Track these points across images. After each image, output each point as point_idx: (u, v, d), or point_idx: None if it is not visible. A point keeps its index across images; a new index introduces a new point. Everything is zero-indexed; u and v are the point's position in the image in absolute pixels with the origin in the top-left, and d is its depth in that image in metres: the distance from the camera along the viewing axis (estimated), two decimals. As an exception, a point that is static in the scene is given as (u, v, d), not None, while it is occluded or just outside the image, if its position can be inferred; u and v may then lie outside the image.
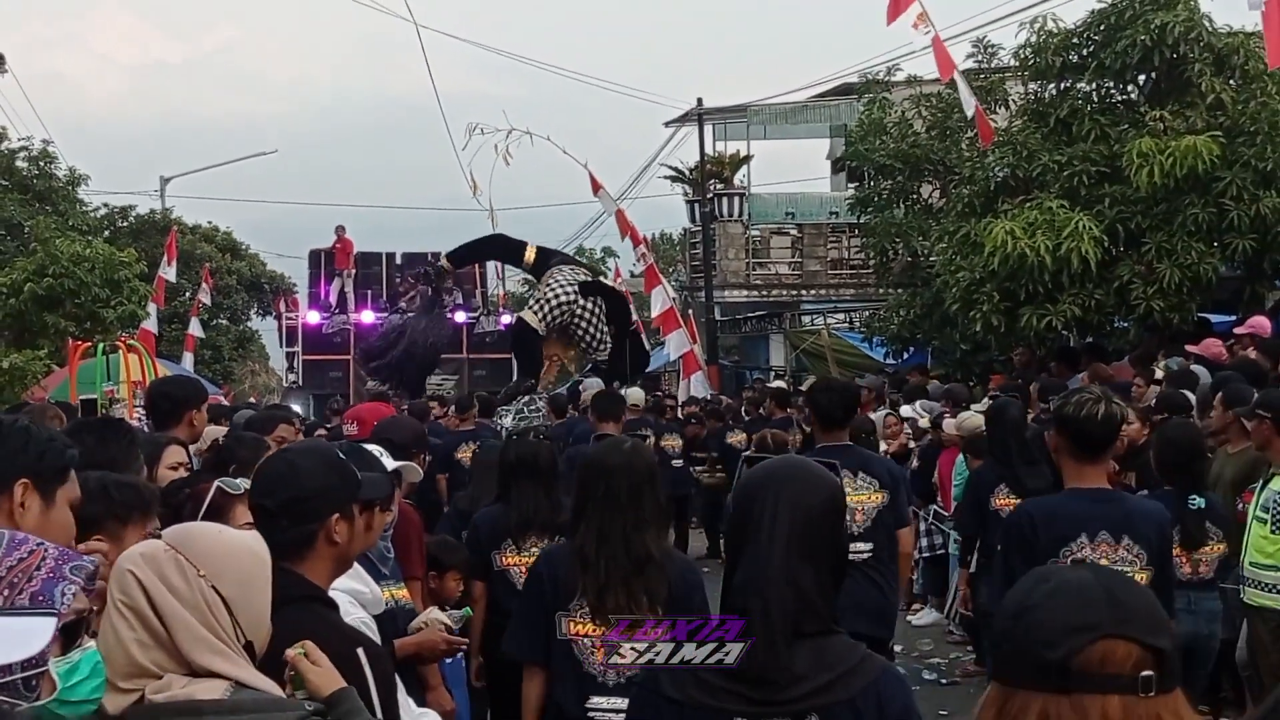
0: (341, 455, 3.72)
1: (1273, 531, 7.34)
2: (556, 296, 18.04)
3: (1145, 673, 1.90)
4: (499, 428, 17.10)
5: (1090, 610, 1.92)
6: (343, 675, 3.05)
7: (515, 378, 18.47)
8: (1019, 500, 9.09)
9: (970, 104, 15.51)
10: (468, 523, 7.43)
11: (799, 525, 2.89)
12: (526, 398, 17.96)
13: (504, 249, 23.28)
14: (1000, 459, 9.32)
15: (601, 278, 19.34)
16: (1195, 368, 11.90)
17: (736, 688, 2.87)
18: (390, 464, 4.85)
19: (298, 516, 3.42)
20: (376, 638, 3.77)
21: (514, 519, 6.88)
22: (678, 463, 16.79)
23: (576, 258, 19.97)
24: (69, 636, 2.43)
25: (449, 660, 5.74)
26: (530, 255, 19.78)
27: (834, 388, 8.42)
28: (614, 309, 18.52)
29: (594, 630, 4.84)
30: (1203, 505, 7.62)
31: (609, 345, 17.84)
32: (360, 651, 3.29)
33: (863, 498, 7.74)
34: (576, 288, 18.06)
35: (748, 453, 10.86)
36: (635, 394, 17.18)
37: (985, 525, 9.22)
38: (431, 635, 5.11)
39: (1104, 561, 5.18)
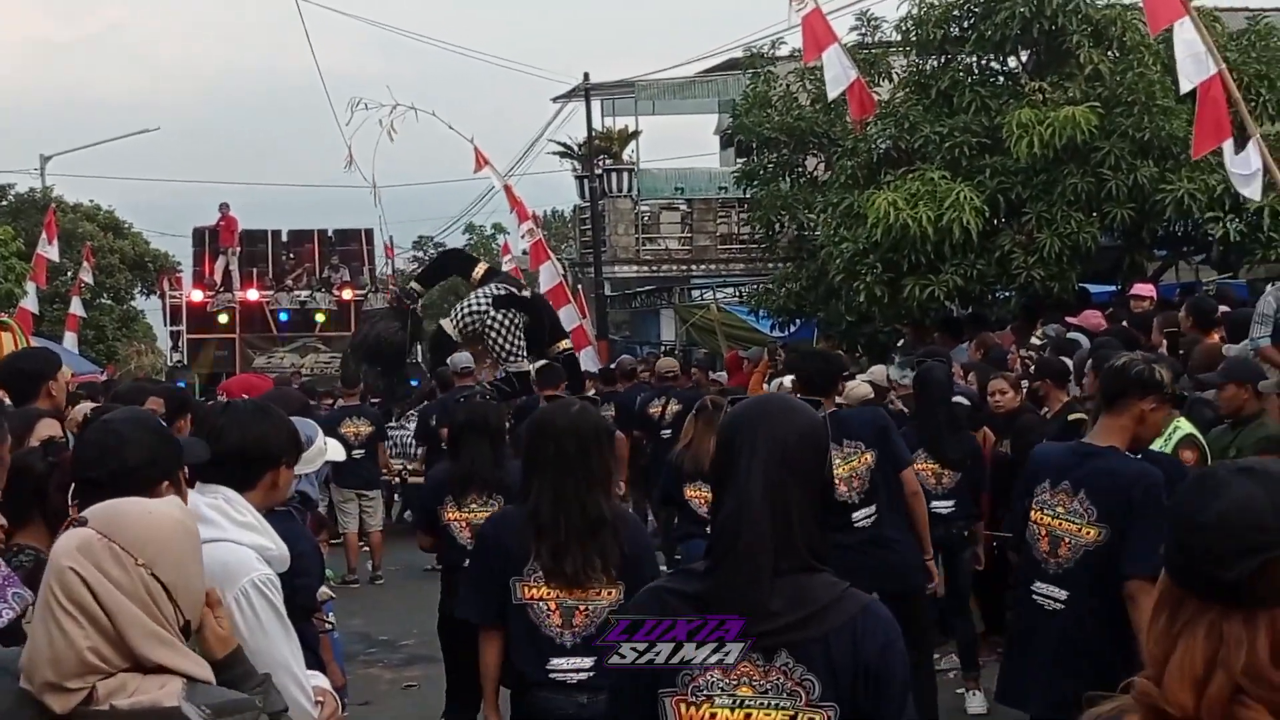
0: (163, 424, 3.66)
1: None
2: (469, 307, 18.42)
3: None
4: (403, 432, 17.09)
5: (1262, 531, 1.88)
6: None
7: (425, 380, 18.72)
8: (936, 466, 9.10)
9: (839, 85, 15.47)
10: None
11: (775, 459, 2.88)
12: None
13: (459, 264, 23.77)
14: (925, 424, 9.21)
15: (522, 290, 19.57)
16: (1074, 335, 12.01)
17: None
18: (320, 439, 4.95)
19: (127, 487, 3.29)
20: (279, 595, 3.77)
21: (457, 474, 7.24)
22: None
23: (510, 278, 20.28)
24: None
25: (336, 635, 5.70)
26: (478, 272, 20.13)
27: (819, 355, 8.41)
28: (538, 321, 18.76)
29: (549, 593, 4.88)
30: None
31: (523, 358, 18.01)
32: None
33: (852, 464, 7.79)
34: (491, 300, 18.42)
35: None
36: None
37: None
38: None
39: (1060, 509, 5.33)
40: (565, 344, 19.34)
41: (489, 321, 18.16)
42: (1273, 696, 1.82)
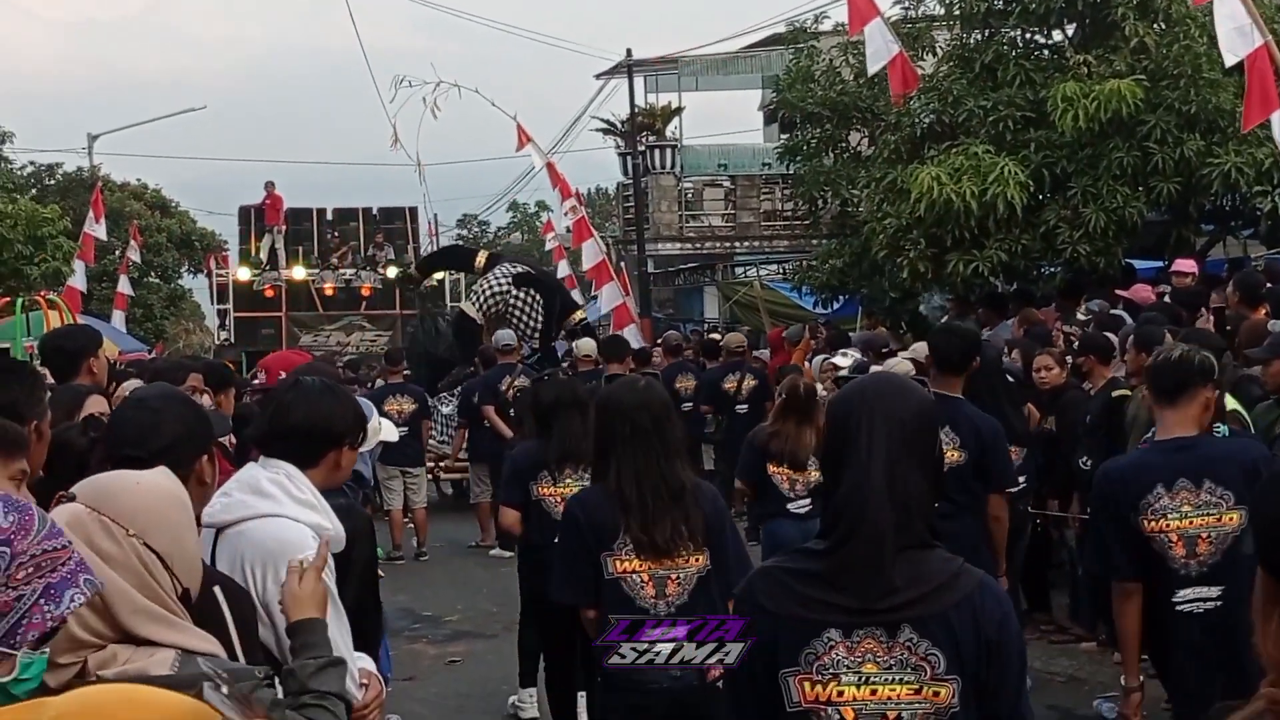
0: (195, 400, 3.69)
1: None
2: (491, 287, 18.59)
3: None
4: (435, 413, 17.09)
5: None
6: (200, 612, 2.94)
7: (457, 366, 18.71)
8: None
9: (880, 60, 15.38)
10: None
11: (895, 438, 2.92)
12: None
13: (459, 258, 23.96)
14: (988, 403, 8.61)
15: (534, 270, 19.82)
16: (1118, 311, 11.92)
17: (834, 599, 2.89)
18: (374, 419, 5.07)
19: (166, 464, 3.32)
20: (332, 576, 3.73)
21: (553, 451, 7.30)
22: (688, 405, 16.48)
23: (522, 257, 20.57)
24: (44, 639, 2.40)
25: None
26: (480, 261, 20.32)
27: (955, 330, 8.22)
28: (550, 301, 18.92)
29: (640, 565, 5.02)
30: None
31: (539, 333, 18.14)
32: (217, 590, 3.21)
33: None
34: (511, 279, 18.59)
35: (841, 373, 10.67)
36: (587, 344, 17.20)
37: None
38: None
39: (1186, 508, 5.14)
40: (579, 314, 19.44)
41: (511, 300, 18.36)
42: None
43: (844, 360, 14.04)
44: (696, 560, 5.06)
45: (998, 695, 2.92)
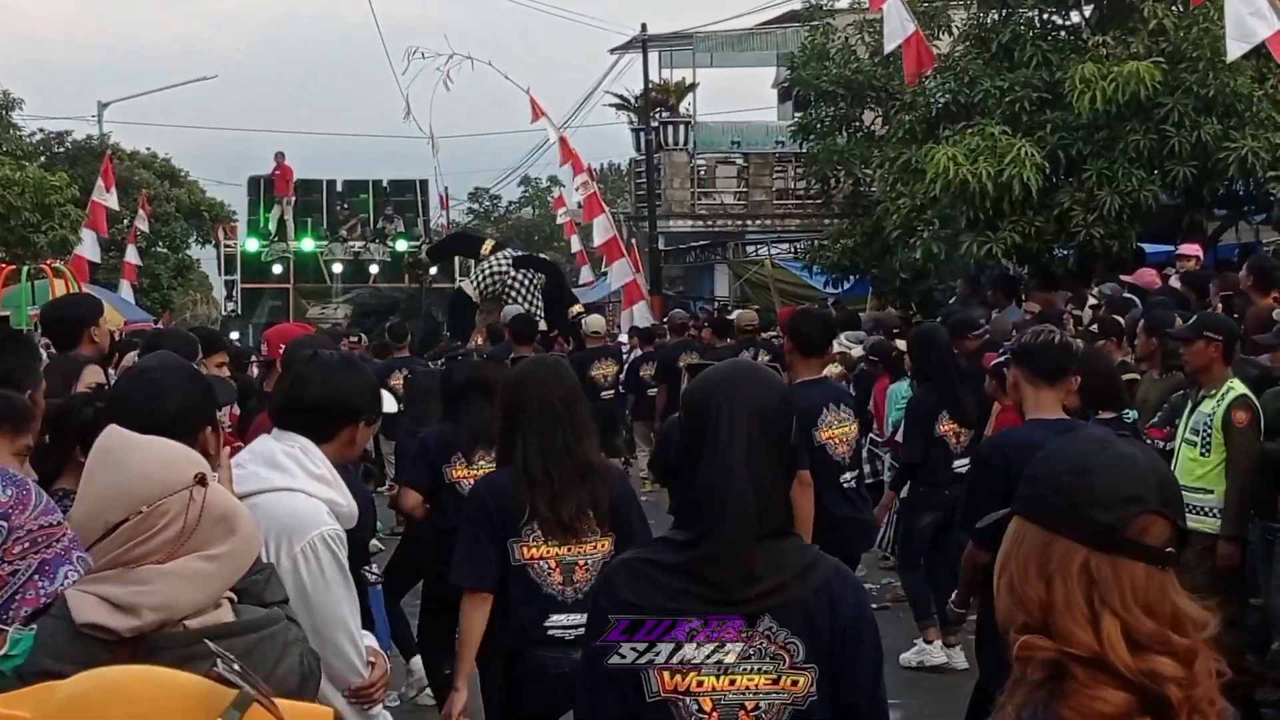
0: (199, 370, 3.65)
1: (1202, 454, 7.33)
2: (491, 268, 18.91)
3: (1169, 549, 2.03)
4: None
5: (1142, 484, 2.04)
6: None
7: (448, 338, 18.98)
8: (956, 426, 9.02)
9: (895, 39, 15.31)
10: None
11: (755, 426, 2.89)
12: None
13: (467, 244, 24.24)
14: (941, 386, 9.12)
15: (537, 256, 20.20)
16: (1128, 295, 11.87)
17: (694, 589, 2.86)
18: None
19: (171, 435, 3.27)
20: (345, 552, 3.76)
21: (464, 434, 7.14)
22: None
23: (534, 255, 20.95)
24: (35, 616, 2.40)
25: (379, 586, 5.67)
26: (486, 249, 20.48)
27: (813, 315, 8.34)
28: (557, 287, 19.19)
29: (548, 551, 4.91)
30: (1135, 417, 7.68)
31: (541, 314, 18.27)
32: None
33: (845, 430, 7.75)
34: (511, 261, 18.81)
35: (691, 362, 10.80)
36: (596, 321, 17.15)
37: (928, 452, 9.06)
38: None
39: None
40: (577, 308, 19.53)
41: (509, 281, 18.59)
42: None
43: (842, 344, 14.01)
44: (603, 545, 4.93)
45: (854, 682, 2.93)
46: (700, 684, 2.87)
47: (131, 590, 2.41)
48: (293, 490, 3.73)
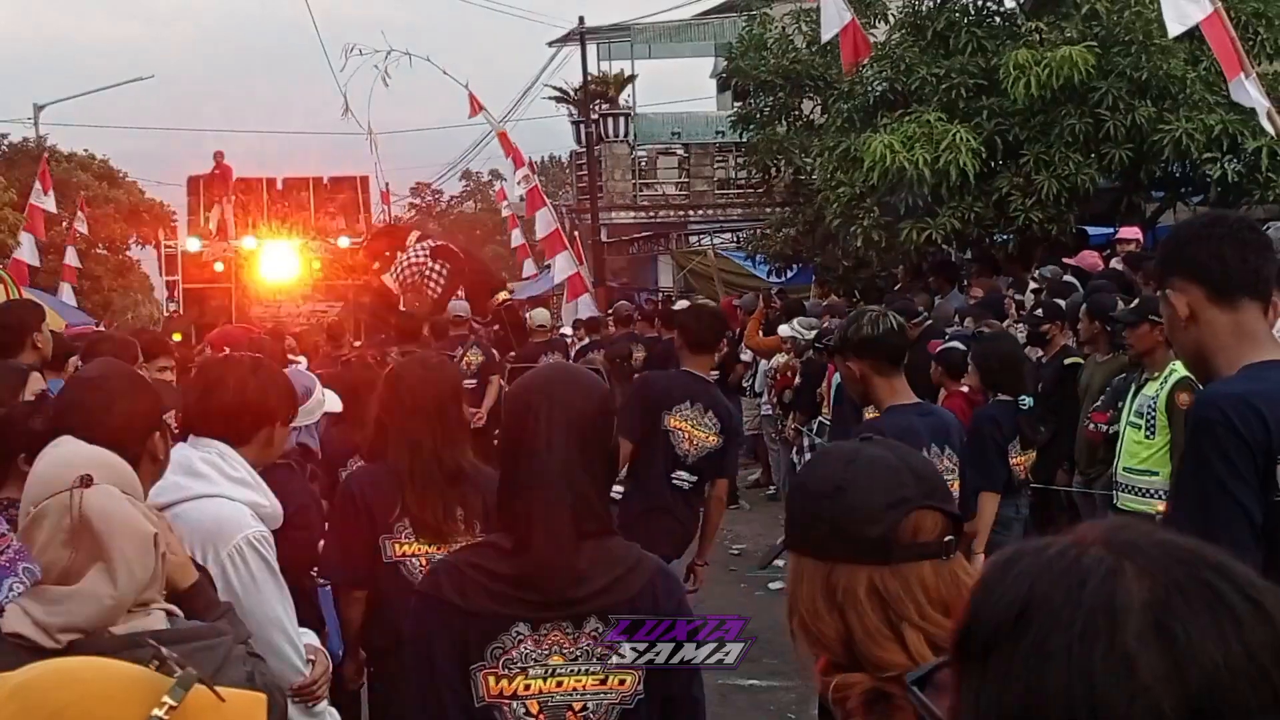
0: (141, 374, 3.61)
1: (1146, 436, 7.37)
2: (409, 259, 18.72)
3: (947, 538, 2.03)
4: None
5: (900, 484, 2.01)
6: None
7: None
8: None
9: (833, 28, 15.36)
10: None
11: (575, 429, 2.92)
12: None
13: (396, 237, 24.32)
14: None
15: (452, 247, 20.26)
16: (1068, 279, 11.96)
17: (521, 593, 2.87)
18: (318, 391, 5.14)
19: (120, 442, 3.26)
20: (273, 552, 3.76)
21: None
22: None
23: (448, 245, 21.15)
24: None
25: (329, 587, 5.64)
26: (410, 239, 20.65)
27: (703, 312, 8.29)
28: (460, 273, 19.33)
29: (419, 549, 4.82)
30: (1031, 404, 7.67)
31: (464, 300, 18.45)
32: None
33: (701, 435, 7.50)
34: (428, 251, 18.79)
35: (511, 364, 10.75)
36: (541, 315, 17.09)
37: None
38: None
39: (947, 476, 5.20)
40: (503, 295, 19.52)
41: (427, 271, 18.54)
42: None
43: (795, 330, 14.05)
44: None
45: (673, 676, 2.96)
46: (528, 687, 2.89)
47: (45, 610, 2.44)
48: (213, 496, 3.73)
